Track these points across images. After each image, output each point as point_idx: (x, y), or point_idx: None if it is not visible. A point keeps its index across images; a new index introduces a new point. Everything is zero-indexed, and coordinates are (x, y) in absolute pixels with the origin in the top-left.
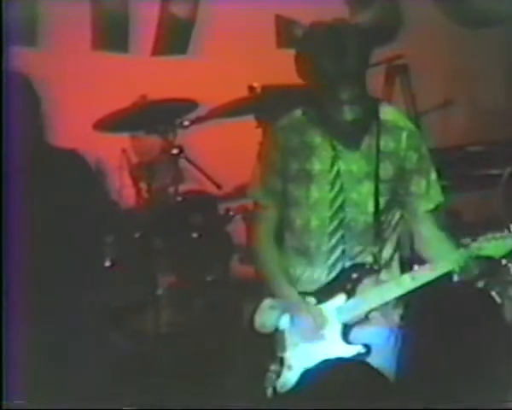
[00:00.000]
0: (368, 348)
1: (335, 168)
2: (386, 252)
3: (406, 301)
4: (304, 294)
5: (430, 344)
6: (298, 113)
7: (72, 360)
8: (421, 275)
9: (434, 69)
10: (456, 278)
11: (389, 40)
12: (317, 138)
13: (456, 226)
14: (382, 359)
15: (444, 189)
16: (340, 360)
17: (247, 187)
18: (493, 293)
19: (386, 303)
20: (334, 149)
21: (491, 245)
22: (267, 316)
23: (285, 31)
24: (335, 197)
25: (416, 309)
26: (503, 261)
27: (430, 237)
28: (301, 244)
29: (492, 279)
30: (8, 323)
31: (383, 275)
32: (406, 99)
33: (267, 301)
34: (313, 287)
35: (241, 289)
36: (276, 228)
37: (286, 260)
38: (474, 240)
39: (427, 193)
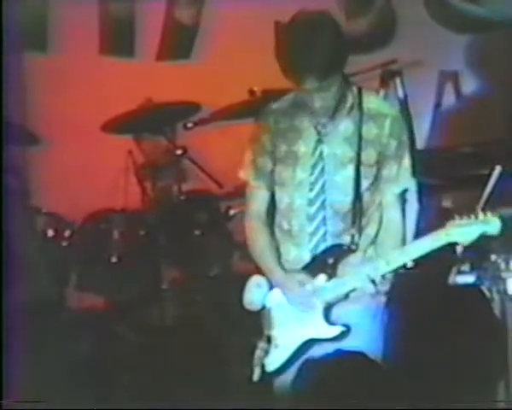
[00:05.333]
0: (348, 328)
1: (318, 151)
2: (371, 230)
3: (392, 280)
4: (290, 273)
5: (420, 339)
6: (290, 97)
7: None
8: (396, 259)
9: (427, 73)
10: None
11: (383, 45)
12: (304, 122)
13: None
14: (368, 337)
15: (415, 172)
16: (337, 352)
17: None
18: (483, 287)
19: (368, 283)
20: (318, 133)
21: (459, 231)
22: (254, 293)
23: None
24: (316, 179)
25: (406, 300)
26: (493, 257)
27: (391, 221)
28: (287, 224)
29: (482, 274)
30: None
31: (369, 252)
32: (400, 103)
33: (254, 279)
34: (298, 267)
35: (241, 285)
36: (267, 208)
37: (275, 240)
38: (441, 226)
39: (396, 178)
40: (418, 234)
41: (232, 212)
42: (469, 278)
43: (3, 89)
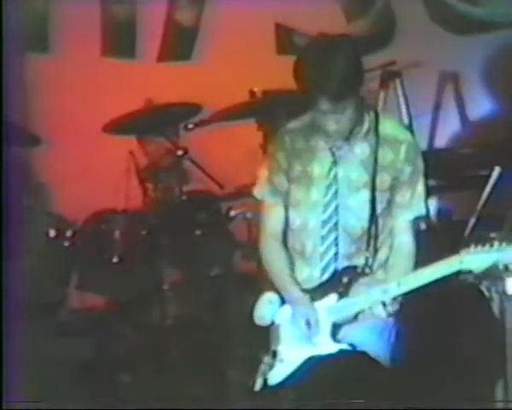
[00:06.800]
0: (354, 347)
1: (332, 173)
2: (382, 254)
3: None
4: (302, 292)
5: (420, 338)
6: (306, 118)
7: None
8: (407, 282)
9: (426, 74)
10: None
11: (383, 46)
12: (320, 143)
13: (447, 224)
14: (377, 353)
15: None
16: (339, 352)
17: (252, 186)
18: (482, 287)
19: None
20: (333, 155)
21: (473, 258)
22: (265, 309)
23: (284, 38)
24: (330, 201)
25: (407, 301)
26: None
27: (403, 245)
28: (299, 244)
29: (481, 274)
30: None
31: (379, 275)
32: (400, 103)
33: (266, 295)
34: (309, 286)
35: (242, 284)
36: (282, 226)
37: (288, 258)
38: (455, 253)
39: (409, 204)
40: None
41: (233, 213)
42: (468, 278)
43: (4, 89)
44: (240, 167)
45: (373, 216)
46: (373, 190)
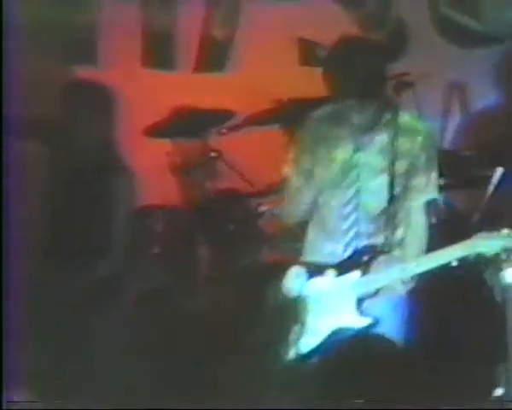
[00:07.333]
0: (377, 320)
1: (354, 159)
2: (400, 233)
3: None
4: (326, 266)
5: (429, 318)
6: (329, 107)
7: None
8: (425, 262)
9: (435, 84)
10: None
11: (396, 58)
12: (343, 132)
13: (452, 219)
14: (391, 327)
15: (441, 187)
16: (357, 332)
17: (278, 185)
18: (485, 275)
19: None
20: (355, 142)
21: (485, 243)
22: (293, 282)
23: (306, 51)
24: (351, 184)
25: (421, 284)
26: None
27: (418, 226)
28: (322, 222)
29: (486, 261)
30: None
31: (397, 252)
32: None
33: (294, 269)
34: (332, 260)
35: (270, 273)
36: (308, 204)
37: (312, 233)
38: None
39: (424, 188)
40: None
41: (262, 209)
42: (473, 266)
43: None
44: (267, 168)
45: (391, 198)
46: (391, 174)
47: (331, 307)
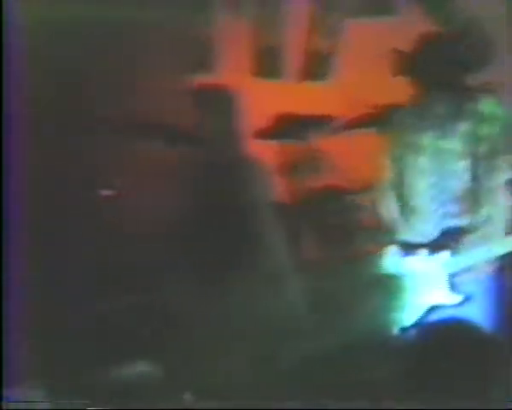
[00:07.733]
0: (469, 297)
1: (438, 145)
2: (484, 213)
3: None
4: (418, 245)
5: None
6: (413, 106)
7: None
8: (510, 244)
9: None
10: None
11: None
12: (427, 122)
13: None
14: (480, 306)
15: None
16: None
17: (373, 182)
18: None
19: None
20: (439, 130)
21: None
22: (389, 261)
23: (398, 61)
24: (437, 168)
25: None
26: None
27: (501, 205)
28: (412, 203)
29: None
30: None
31: (482, 232)
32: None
33: (390, 248)
34: (423, 240)
35: (368, 264)
36: (397, 190)
37: (404, 216)
38: None
39: (505, 168)
40: None
41: (359, 203)
42: None
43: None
44: (363, 167)
45: (474, 179)
46: (473, 158)
47: (425, 284)
